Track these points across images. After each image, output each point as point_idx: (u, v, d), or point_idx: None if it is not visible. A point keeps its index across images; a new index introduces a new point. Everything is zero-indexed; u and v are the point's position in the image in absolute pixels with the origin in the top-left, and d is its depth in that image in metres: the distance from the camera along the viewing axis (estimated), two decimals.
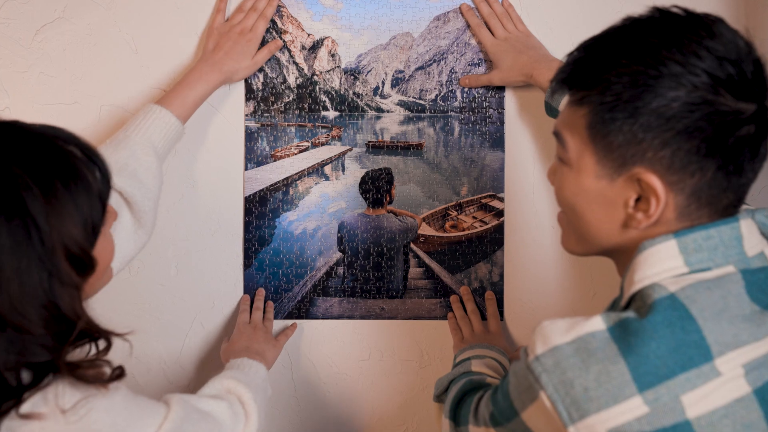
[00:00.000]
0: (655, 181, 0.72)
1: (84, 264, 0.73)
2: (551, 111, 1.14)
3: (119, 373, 0.77)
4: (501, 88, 1.22)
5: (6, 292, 0.68)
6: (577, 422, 0.70)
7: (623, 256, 0.79)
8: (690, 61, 0.69)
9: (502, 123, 1.22)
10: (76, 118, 1.20)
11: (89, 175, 0.75)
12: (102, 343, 0.77)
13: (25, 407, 0.71)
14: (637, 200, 0.74)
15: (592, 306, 1.22)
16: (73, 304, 0.73)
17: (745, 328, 0.71)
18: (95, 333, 0.76)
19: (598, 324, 0.71)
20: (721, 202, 0.74)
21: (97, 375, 0.75)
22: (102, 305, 0.82)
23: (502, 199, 1.23)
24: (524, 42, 1.19)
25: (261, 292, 1.21)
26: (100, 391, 0.74)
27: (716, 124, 0.69)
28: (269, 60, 1.21)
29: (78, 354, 0.76)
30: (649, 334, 0.69)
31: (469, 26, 1.22)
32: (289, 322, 1.23)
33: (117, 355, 0.80)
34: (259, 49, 1.18)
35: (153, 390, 1.22)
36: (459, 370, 1.08)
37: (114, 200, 0.92)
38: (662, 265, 0.73)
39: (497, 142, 1.23)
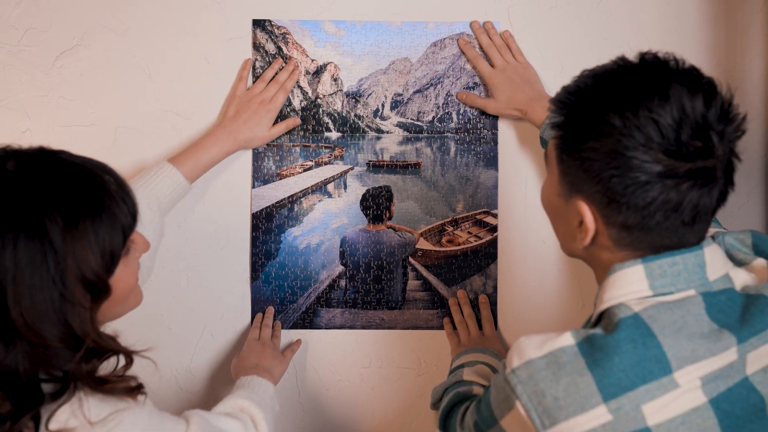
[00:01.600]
0: (585, 212, 0.79)
1: (98, 289, 0.78)
2: (546, 145, 1.20)
3: (138, 388, 0.81)
4: None
5: (19, 305, 0.73)
6: (548, 429, 0.75)
7: (594, 266, 0.86)
8: (626, 124, 0.74)
9: (496, 143, 1.28)
10: (92, 140, 1.25)
11: (116, 209, 0.79)
12: (124, 358, 0.82)
13: (54, 423, 0.75)
14: (581, 222, 0.81)
15: (581, 316, 1.27)
16: (83, 324, 0.77)
17: (702, 345, 0.76)
18: (105, 350, 0.79)
19: (567, 340, 0.77)
20: (656, 241, 0.78)
21: (122, 389, 0.79)
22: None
23: (495, 216, 1.29)
24: (522, 74, 1.22)
25: (270, 310, 1.26)
26: (128, 405, 0.79)
27: (628, 183, 0.75)
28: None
29: (104, 368, 0.80)
30: (614, 349, 0.75)
31: (467, 59, 1.26)
32: (295, 334, 1.28)
33: (144, 369, 0.84)
34: (277, 121, 1.24)
35: (165, 395, 1.27)
36: (452, 379, 1.14)
37: None
38: (629, 287, 0.79)
39: (491, 161, 1.29)
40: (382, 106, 1.30)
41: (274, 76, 1.25)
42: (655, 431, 0.74)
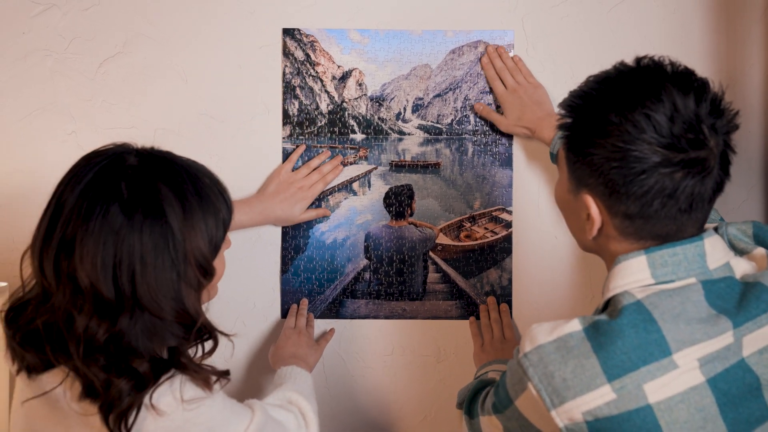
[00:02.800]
0: (591, 204, 0.86)
1: (206, 271, 0.87)
2: (555, 160, 1.26)
3: (225, 373, 0.90)
4: None
5: (146, 282, 0.82)
6: (557, 407, 0.81)
7: (605, 258, 0.92)
8: (625, 121, 0.81)
9: (511, 144, 1.36)
10: (133, 140, 1.33)
11: (220, 206, 0.89)
12: (208, 345, 0.91)
13: (155, 396, 0.84)
14: (588, 215, 0.88)
15: (591, 306, 1.35)
16: (195, 303, 0.87)
17: (700, 329, 0.82)
18: (210, 330, 0.89)
19: (575, 326, 0.84)
20: (656, 229, 0.85)
21: (214, 372, 0.88)
22: None
23: (510, 212, 1.37)
24: (531, 95, 1.30)
25: (305, 302, 1.35)
26: (211, 389, 0.87)
27: (627, 173, 0.81)
28: (304, 88, 1.35)
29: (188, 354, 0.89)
30: (617, 333, 0.81)
31: (486, 79, 1.34)
32: (322, 324, 1.36)
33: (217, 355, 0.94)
34: (309, 207, 1.33)
35: None
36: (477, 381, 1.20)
37: None
38: (633, 276, 0.86)
39: (506, 161, 1.37)
40: (404, 109, 1.38)
41: (318, 166, 1.34)
42: (656, 408, 0.79)
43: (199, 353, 0.91)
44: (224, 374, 0.91)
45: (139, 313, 0.82)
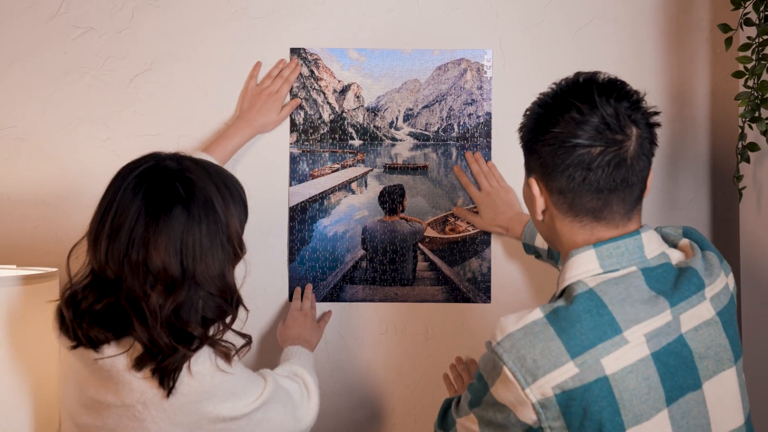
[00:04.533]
0: (533, 184, 1.01)
1: (242, 247, 1.06)
2: (528, 249, 1.43)
3: (249, 343, 1.08)
4: (489, 122, 1.53)
5: (204, 261, 1.00)
6: (530, 385, 0.90)
7: (557, 244, 1.04)
8: (561, 117, 0.95)
9: (489, 149, 1.54)
10: (159, 146, 1.44)
11: (241, 192, 1.09)
12: (229, 319, 1.06)
13: (193, 361, 1.00)
14: (534, 198, 1.01)
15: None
16: (232, 278, 1.04)
17: (643, 309, 0.93)
18: (239, 302, 1.06)
19: (537, 314, 0.94)
20: (586, 203, 0.96)
21: (231, 348, 1.04)
22: None
23: None
24: (503, 198, 1.48)
25: (309, 287, 1.52)
26: (230, 361, 1.03)
27: (556, 151, 0.95)
28: (308, 100, 1.53)
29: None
30: (575, 318, 0.92)
31: (461, 184, 1.51)
32: (325, 306, 1.52)
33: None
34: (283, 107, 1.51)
35: None
36: None
37: None
38: (584, 267, 0.97)
39: None
40: (396, 118, 1.56)
41: (278, 73, 1.50)
42: (611, 378, 0.89)
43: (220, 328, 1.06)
44: (247, 344, 1.07)
45: (194, 289, 1.00)
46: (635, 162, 0.95)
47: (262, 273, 1.53)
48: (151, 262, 0.98)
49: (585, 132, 0.94)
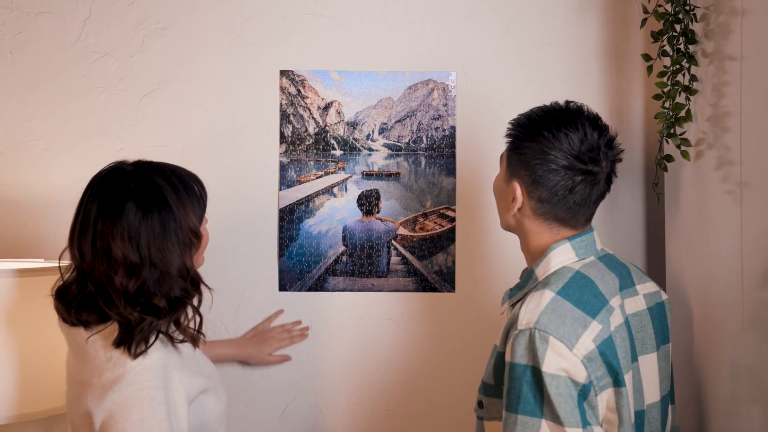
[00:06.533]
0: (517, 189, 1.15)
1: (197, 235, 1.14)
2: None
3: (196, 339, 1.17)
4: (453, 134, 1.71)
5: (158, 248, 1.09)
6: (575, 345, 1.02)
7: (520, 233, 1.18)
8: (551, 136, 1.10)
9: (454, 158, 1.73)
10: (165, 157, 1.66)
11: (197, 187, 1.17)
12: (195, 302, 1.14)
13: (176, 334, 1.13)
14: (513, 198, 1.17)
15: (513, 277, 1.65)
16: (189, 261, 1.14)
17: (611, 285, 1.12)
18: (198, 280, 1.14)
19: (550, 294, 1.07)
20: (557, 213, 1.12)
21: (192, 331, 1.15)
22: None
23: (454, 210, 1.72)
24: None
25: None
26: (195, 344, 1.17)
27: (546, 169, 1.10)
28: (296, 116, 1.73)
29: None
30: (579, 291, 1.08)
31: None
32: (310, 296, 1.69)
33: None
34: (276, 354, 1.69)
35: (218, 336, 1.70)
36: None
37: None
38: (565, 256, 1.14)
39: (451, 171, 1.73)
40: (373, 131, 1.74)
41: (290, 329, 1.69)
42: (613, 335, 1.07)
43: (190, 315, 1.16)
44: (193, 340, 1.16)
45: (154, 269, 1.10)
46: (602, 188, 1.14)
47: (255, 266, 1.71)
48: (112, 251, 1.08)
49: (571, 159, 1.10)
